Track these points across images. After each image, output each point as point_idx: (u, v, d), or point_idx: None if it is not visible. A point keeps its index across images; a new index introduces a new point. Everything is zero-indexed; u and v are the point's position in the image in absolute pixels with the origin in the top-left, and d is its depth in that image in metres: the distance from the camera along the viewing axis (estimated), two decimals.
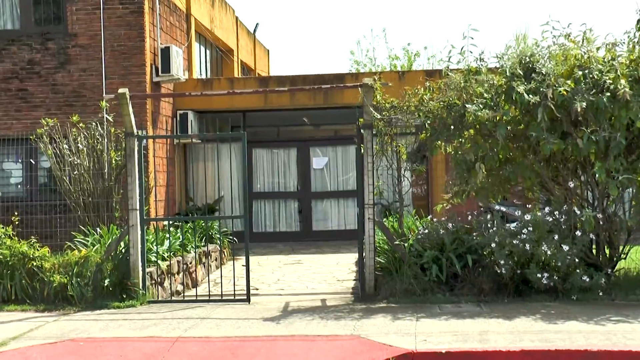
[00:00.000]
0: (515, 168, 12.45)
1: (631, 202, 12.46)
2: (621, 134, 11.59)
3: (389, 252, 12.69)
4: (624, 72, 11.72)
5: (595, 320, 10.08)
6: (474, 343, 9.06)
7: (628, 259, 12.83)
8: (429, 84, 13.19)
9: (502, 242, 11.66)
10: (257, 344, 9.54)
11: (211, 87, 22.48)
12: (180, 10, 22.27)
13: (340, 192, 22.87)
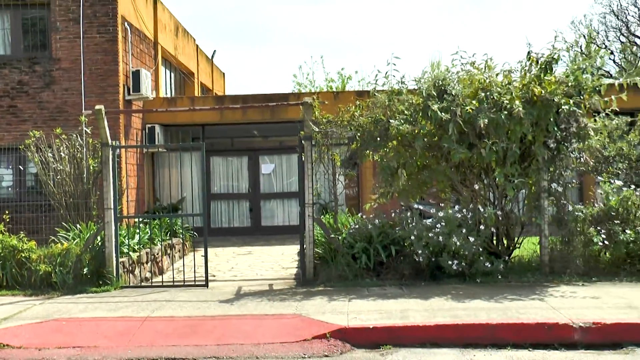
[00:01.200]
0: (431, 173, 12.62)
1: (524, 201, 12.77)
2: (516, 145, 11.87)
3: (326, 244, 12.78)
4: (518, 94, 11.98)
5: (495, 299, 10.29)
6: (396, 319, 9.21)
7: (521, 248, 13.03)
8: (359, 103, 13.30)
9: (420, 235, 11.84)
10: (214, 322, 9.65)
11: (175, 104, 22.50)
12: (148, 39, 22.25)
13: (284, 194, 23.03)
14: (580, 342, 8.61)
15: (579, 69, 12.38)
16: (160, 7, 23.27)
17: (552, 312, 9.36)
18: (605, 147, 14.03)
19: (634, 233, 12.14)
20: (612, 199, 12.58)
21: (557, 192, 12.35)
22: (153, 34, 22.76)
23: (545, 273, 12.19)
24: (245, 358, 8.08)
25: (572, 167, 12.76)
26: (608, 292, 10.72)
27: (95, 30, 19.28)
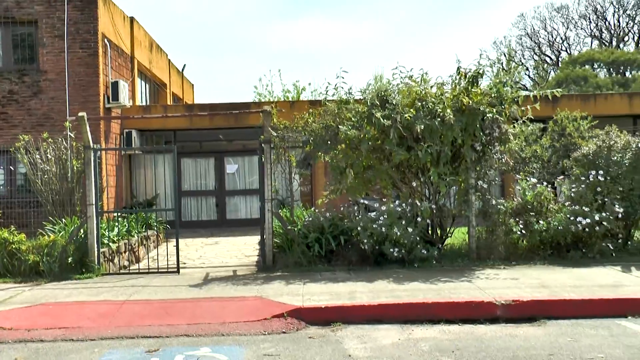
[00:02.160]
0: (375, 172, 12.69)
1: (455, 197, 12.92)
2: (448, 148, 12.04)
3: (283, 235, 12.79)
4: (450, 104, 12.15)
5: (431, 281, 10.43)
6: (345, 300, 9.28)
7: (453, 237, 13.25)
8: (312, 111, 13.36)
9: (366, 226, 11.94)
10: (185, 304, 9.65)
11: (150, 112, 22.29)
12: (126, 53, 22.04)
13: (247, 191, 22.99)
14: (502, 317, 8.76)
15: (501, 83, 12.58)
16: (136, 26, 23.10)
17: (479, 292, 9.53)
18: (522, 149, 14.29)
19: (546, 223, 12.42)
20: (528, 194, 12.82)
21: (483, 189, 12.57)
22: (130, 49, 22.57)
23: (473, 258, 12.39)
24: (212, 335, 8.10)
25: (495, 167, 13.01)
26: (525, 274, 10.94)
27: (78, 45, 19.18)
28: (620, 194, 12.70)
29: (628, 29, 55.96)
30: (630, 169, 12.78)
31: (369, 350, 7.39)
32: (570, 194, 12.90)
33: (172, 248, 13.17)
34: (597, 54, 51.56)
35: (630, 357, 6.98)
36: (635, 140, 13.09)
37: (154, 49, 26.26)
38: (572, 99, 22.57)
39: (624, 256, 12.41)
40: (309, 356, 7.19)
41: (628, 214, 12.75)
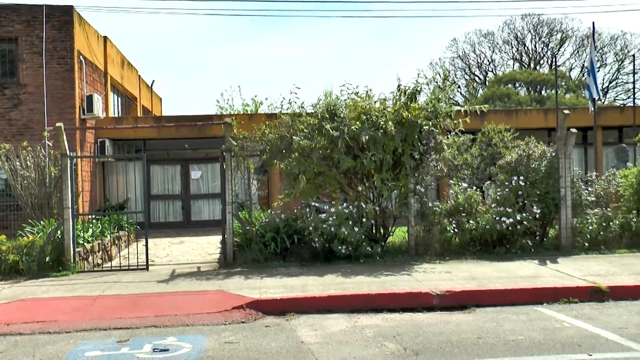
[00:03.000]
0: (325, 178, 12.68)
1: (396, 200, 12.99)
2: (390, 156, 12.11)
3: (243, 234, 12.69)
4: (391, 117, 12.22)
5: (375, 275, 10.46)
6: (298, 292, 9.26)
7: (394, 236, 13.32)
8: (269, 123, 13.31)
9: (317, 226, 11.94)
10: (153, 298, 9.51)
11: (122, 123, 21.98)
12: (100, 69, 21.69)
13: (210, 195, 22.77)
14: (438, 306, 8.85)
15: (436, 99, 12.71)
16: (109, 44, 22.78)
17: (417, 284, 9.59)
18: (455, 158, 14.47)
19: (475, 223, 12.59)
20: (460, 197, 12.98)
21: (421, 192, 12.66)
22: (103, 66, 22.21)
23: (412, 254, 12.47)
24: (178, 326, 7.99)
25: (431, 173, 13.13)
26: (457, 268, 11.05)
27: (55, 61, 18.85)
28: (537, 196, 12.93)
29: (543, 53, 57.22)
30: (545, 175, 13.03)
31: (319, 337, 7.37)
32: (496, 197, 13.08)
33: (141, 247, 12.96)
34: (518, 74, 52.53)
35: (544, 337, 7.13)
36: (549, 150, 13.35)
37: (125, 65, 25.91)
38: (498, 113, 22.94)
39: (541, 251, 12.64)
40: (266, 343, 7.15)
41: (544, 214, 12.99)
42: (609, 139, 24.08)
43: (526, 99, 48.38)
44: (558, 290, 9.22)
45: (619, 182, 14.30)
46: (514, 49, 57.90)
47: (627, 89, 51.68)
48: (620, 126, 23.77)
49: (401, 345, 6.93)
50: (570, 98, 45.87)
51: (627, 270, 10.52)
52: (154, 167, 22.61)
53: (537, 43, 57.18)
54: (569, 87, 50.31)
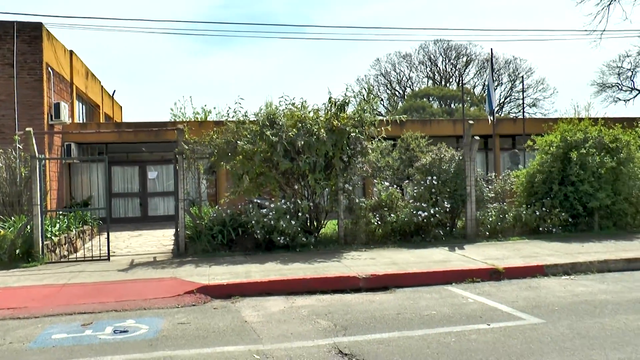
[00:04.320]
0: (266, 178, 12.62)
1: (328, 197, 12.96)
2: (322, 159, 12.13)
3: (193, 228, 12.47)
4: (323, 125, 12.24)
5: (309, 262, 10.45)
6: (242, 278, 9.16)
7: (326, 228, 13.32)
8: (216, 129, 13.12)
9: (259, 220, 11.86)
10: (114, 285, 9.23)
11: (86, 128, 21.26)
12: (66, 80, 20.91)
13: (165, 193, 22.24)
14: (364, 288, 8.89)
15: (362, 110, 12.79)
16: (75, 57, 22.03)
17: (346, 269, 9.63)
18: (378, 160, 14.57)
19: (395, 216, 12.71)
20: (383, 194, 13.10)
21: (349, 190, 12.71)
22: (69, 76, 21.42)
23: (342, 244, 12.52)
24: (136, 310, 7.79)
25: (358, 174, 13.18)
26: (380, 255, 11.14)
27: (25, 72, 18.11)
28: (448, 193, 13.18)
29: (452, 73, 58.50)
30: (454, 175, 13.29)
31: (261, 317, 7.31)
32: (413, 194, 13.27)
33: (104, 240, 12.63)
34: (431, 90, 53.54)
35: (453, 312, 7.28)
36: (457, 154, 13.63)
37: (89, 76, 25.13)
38: (415, 123, 23.28)
39: (451, 239, 12.89)
40: (214, 323, 7.04)
41: (453, 208, 13.26)
42: (504, 145, 24.78)
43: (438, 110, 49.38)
44: (464, 272, 9.42)
45: (513, 181, 14.76)
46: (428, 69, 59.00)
47: (519, 104, 53.43)
48: (514, 134, 24.49)
49: (332, 322, 6.94)
50: (474, 111, 46.98)
51: (518, 254, 10.84)
52: (115, 168, 21.97)
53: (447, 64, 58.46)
54: (473, 101, 51.55)
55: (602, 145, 14.07)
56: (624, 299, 7.85)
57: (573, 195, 13.73)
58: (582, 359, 5.43)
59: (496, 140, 22.64)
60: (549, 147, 14.35)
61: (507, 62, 55.11)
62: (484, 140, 24.03)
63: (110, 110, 30.76)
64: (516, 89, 54.51)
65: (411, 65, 58.67)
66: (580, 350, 5.68)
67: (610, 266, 10.08)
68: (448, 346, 5.90)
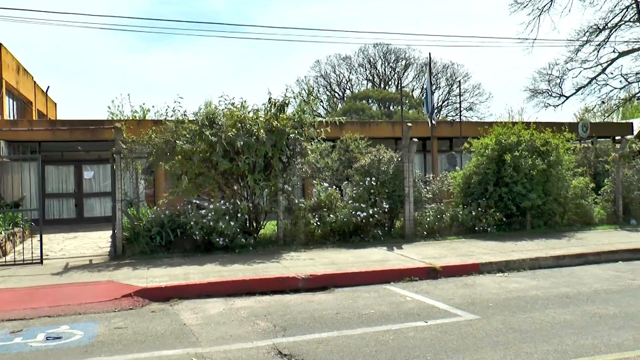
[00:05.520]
0: (205, 178, 12.46)
1: (267, 197, 12.90)
2: (261, 160, 12.09)
3: (131, 229, 12.19)
4: (263, 126, 12.21)
5: (248, 263, 10.38)
6: (181, 280, 9.01)
7: (266, 228, 13.25)
8: (155, 128, 12.88)
9: (197, 221, 11.70)
10: (47, 290, 8.89)
11: (17, 125, 20.40)
12: None
13: (101, 193, 21.58)
14: (303, 288, 8.89)
15: (302, 111, 12.83)
16: (4, 51, 21.18)
17: (285, 270, 9.61)
18: (317, 161, 14.65)
19: (335, 216, 12.79)
20: (322, 195, 13.14)
21: (288, 191, 12.71)
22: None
23: (281, 244, 12.48)
24: (71, 315, 7.53)
25: (297, 174, 13.21)
26: (319, 255, 11.18)
27: None
28: (386, 194, 13.36)
29: (391, 76, 59.37)
30: (392, 177, 13.48)
31: (200, 319, 7.20)
32: (352, 194, 13.37)
33: (36, 242, 12.12)
34: (371, 92, 54.15)
35: (391, 310, 7.37)
36: (396, 155, 13.83)
37: (20, 71, 24.18)
38: (354, 124, 23.48)
39: (389, 239, 13.06)
40: (152, 327, 6.89)
41: (392, 208, 13.45)
42: (442, 147, 25.32)
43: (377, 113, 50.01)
44: (402, 271, 9.56)
45: (450, 182, 15.10)
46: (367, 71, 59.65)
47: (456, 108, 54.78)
48: (451, 137, 25.07)
49: (271, 323, 6.90)
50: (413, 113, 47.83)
51: (455, 253, 11.10)
52: (49, 167, 21.16)
53: (386, 67, 59.27)
54: (412, 104, 52.46)
55: (533, 148, 14.59)
56: (552, 294, 8.17)
57: (507, 195, 14.17)
58: (514, 352, 5.61)
59: (434, 142, 23.10)
60: (484, 149, 14.76)
61: (445, 66, 56.46)
62: (422, 143, 24.49)
63: (44, 107, 29.72)
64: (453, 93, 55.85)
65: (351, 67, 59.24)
66: (513, 344, 5.86)
67: (541, 263, 10.46)
68: (386, 344, 5.97)
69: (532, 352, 5.63)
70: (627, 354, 5.55)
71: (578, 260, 10.82)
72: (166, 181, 16.26)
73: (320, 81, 58.98)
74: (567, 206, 14.98)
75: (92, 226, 19.87)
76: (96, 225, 20.09)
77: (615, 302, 7.69)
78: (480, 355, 5.55)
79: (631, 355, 5.50)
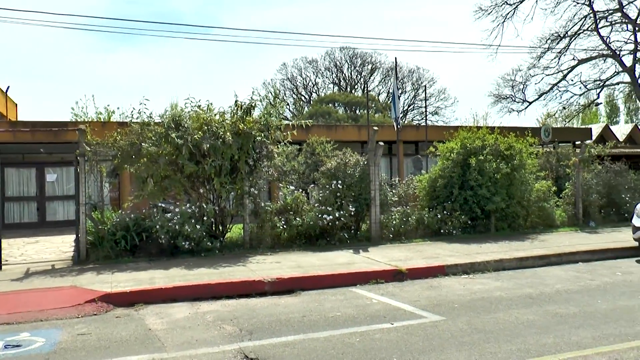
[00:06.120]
0: (171, 181, 12.31)
1: (234, 200, 12.85)
2: (228, 163, 12.01)
3: (96, 233, 11.96)
4: (229, 128, 12.13)
5: (214, 267, 10.30)
6: (146, 285, 8.89)
7: (232, 232, 13.16)
8: (120, 130, 12.68)
9: (163, 224, 11.58)
10: (6, 296, 8.64)
11: None
12: None
13: (65, 196, 21.15)
14: (269, 291, 8.86)
15: (268, 114, 12.79)
16: None
17: (251, 273, 9.56)
18: (284, 164, 14.59)
19: (301, 220, 12.78)
20: (288, 198, 13.12)
21: (255, 194, 12.67)
22: None
23: (247, 248, 12.41)
24: (32, 322, 7.34)
25: (264, 177, 13.18)
26: (286, 258, 11.16)
27: None
28: (353, 197, 13.41)
29: (357, 80, 59.67)
30: (359, 180, 13.54)
31: (165, 324, 7.11)
32: (319, 197, 13.39)
33: None
34: (337, 96, 54.33)
35: (357, 312, 7.40)
36: (362, 159, 13.90)
37: None
38: (320, 128, 23.53)
39: (356, 242, 13.11)
40: (116, 332, 6.77)
41: (358, 211, 13.50)
42: (408, 151, 25.55)
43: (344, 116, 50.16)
44: (368, 273, 9.60)
45: (416, 185, 15.24)
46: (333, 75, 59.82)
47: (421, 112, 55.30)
48: (417, 141, 25.32)
49: (237, 327, 6.86)
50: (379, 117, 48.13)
51: (421, 255, 11.20)
52: (9, 169, 20.64)
53: (352, 71, 59.53)
54: (378, 108, 52.83)
55: (498, 152, 14.83)
56: (515, 295, 8.30)
57: (472, 199, 14.37)
58: (478, 352, 5.68)
59: (400, 146, 23.28)
60: (450, 153, 14.94)
61: (410, 71, 56.95)
62: (388, 146, 24.66)
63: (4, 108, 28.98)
64: (419, 97, 56.41)
65: (317, 71, 59.34)
66: (477, 344, 5.94)
67: (505, 265, 10.64)
68: (353, 346, 5.99)
69: (496, 351, 5.71)
70: (586, 351, 5.69)
71: (540, 261, 11.04)
72: (131, 184, 16.03)
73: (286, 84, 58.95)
74: (530, 209, 15.27)
75: (55, 230, 19.42)
76: (59, 229, 19.64)
77: (576, 301, 7.87)
78: (446, 356, 5.61)
79: (590, 353, 5.64)
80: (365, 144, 22.14)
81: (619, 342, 5.97)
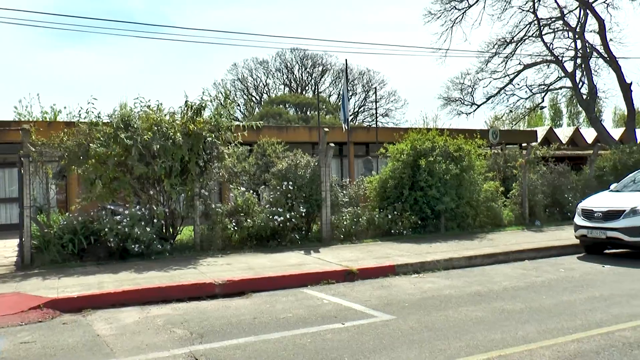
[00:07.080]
0: (120, 183, 12.03)
1: (184, 202, 12.63)
2: (178, 164, 11.83)
3: (41, 237, 11.54)
4: (180, 129, 11.96)
5: (165, 270, 10.13)
6: (95, 289, 8.64)
7: (182, 234, 12.97)
8: (67, 130, 12.29)
9: (112, 227, 11.30)
10: None
11: None
12: None
13: (7, 199, 20.45)
14: (220, 294, 8.77)
15: (219, 114, 12.66)
16: None
17: (202, 276, 9.44)
18: (235, 165, 14.50)
19: (252, 221, 12.71)
20: (239, 199, 13.02)
21: (205, 196, 12.53)
22: None
23: (198, 250, 12.26)
24: None
25: (214, 179, 13.04)
26: (237, 260, 11.08)
27: None
28: (304, 198, 13.42)
29: (308, 81, 59.88)
30: (310, 181, 13.56)
31: (114, 329, 6.95)
32: (270, 199, 13.34)
33: None
34: (288, 97, 54.36)
35: (308, 313, 7.42)
36: (313, 160, 13.93)
37: None
38: (271, 129, 23.50)
39: (307, 243, 13.13)
40: (63, 339, 6.57)
41: (309, 212, 13.52)
42: (359, 152, 25.76)
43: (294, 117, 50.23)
44: (320, 274, 9.63)
45: (366, 186, 15.37)
46: (284, 76, 59.83)
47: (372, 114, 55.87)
48: (367, 142, 25.55)
49: (188, 330, 6.77)
50: (330, 118, 48.36)
51: (371, 256, 11.30)
52: None
53: (303, 72, 59.67)
54: (328, 109, 53.07)
55: (447, 153, 15.10)
56: (465, 293, 8.48)
57: (422, 199, 14.58)
58: (428, 350, 5.76)
59: (351, 147, 23.46)
60: (400, 154, 15.13)
61: (361, 73, 57.45)
62: (339, 148, 24.79)
63: None
64: (370, 99, 56.96)
65: (268, 71, 59.23)
66: (428, 342, 6.03)
67: (455, 264, 10.84)
68: (304, 347, 5.99)
69: (445, 348, 5.81)
70: (532, 345, 5.86)
71: (489, 260, 11.31)
72: (79, 186, 15.58)
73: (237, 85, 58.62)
74: (479, 209, 15.62)
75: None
76: (1, 233, 18.96)
77: (522, 298, 8.09)
78: (397, 354, 5.67)
79: (534, 347, 5.80)
80: (316, 145, 22.21)
81: (561, 336, 6.18)
